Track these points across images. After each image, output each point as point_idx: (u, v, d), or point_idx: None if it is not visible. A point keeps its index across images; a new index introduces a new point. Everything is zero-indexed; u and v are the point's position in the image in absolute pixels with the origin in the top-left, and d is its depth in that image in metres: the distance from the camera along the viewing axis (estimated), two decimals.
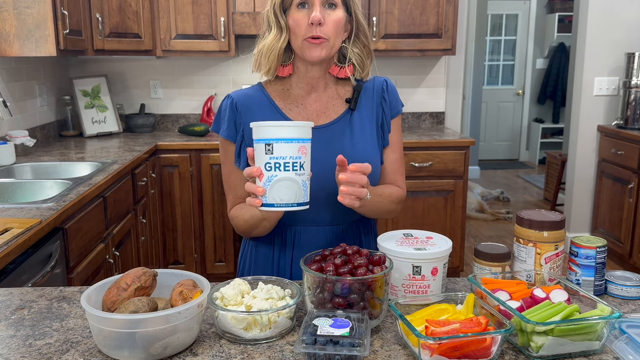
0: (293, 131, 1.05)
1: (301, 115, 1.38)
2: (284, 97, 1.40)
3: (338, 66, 1.36)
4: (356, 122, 1.38)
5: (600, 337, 0.95)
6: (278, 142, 1.04)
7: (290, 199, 1.06)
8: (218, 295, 1.05)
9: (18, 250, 1.55)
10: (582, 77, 4.07)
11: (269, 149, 1.04)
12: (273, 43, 1.31)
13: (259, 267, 1.43)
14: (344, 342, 0.89)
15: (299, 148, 1.05)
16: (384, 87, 1.42)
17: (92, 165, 2.70)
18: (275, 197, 1.06)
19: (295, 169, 1.05)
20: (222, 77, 4.00)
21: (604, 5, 3.95)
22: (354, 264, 1.05)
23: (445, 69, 4.09)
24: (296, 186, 1.06)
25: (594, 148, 4.16)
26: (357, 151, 1.35)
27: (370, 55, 1.37)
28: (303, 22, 1.27)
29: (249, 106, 1.38)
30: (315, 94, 1.39)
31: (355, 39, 1.35)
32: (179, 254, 3.51)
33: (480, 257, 1.23)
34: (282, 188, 1.05)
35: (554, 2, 7.56)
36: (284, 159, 1.04)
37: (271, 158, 1.05)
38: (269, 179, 1.06)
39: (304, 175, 1.07)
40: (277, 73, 1.37)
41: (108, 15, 3.30)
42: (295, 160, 1.05)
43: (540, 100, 7.92)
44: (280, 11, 1.30)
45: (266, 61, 1.34)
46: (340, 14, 1.29)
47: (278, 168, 1.04)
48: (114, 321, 0.91)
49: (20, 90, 3.09)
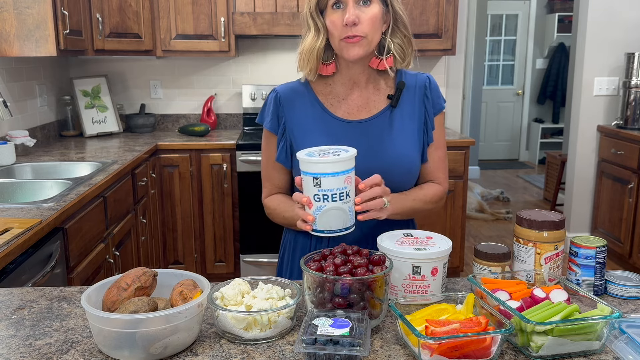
0: (339, 166, 1.10)
1: (342, 110, 1.40)
2: (327, 92, 1.42)
3: (378, 58, 1.36)
4: (396, 119, 1.40)
5: (600, 337, 0.95)
6: (325, 176, 1.09)
7: (339, 226, 1.13)
8: (218, 295, 1.05)
9: (18, 250, 1.55)
10: (582, 77, 4.07)
11: (316, 182, 1.10)
12: (312, 44, 1.33)
13: (296, 257, 1.47)
14: (344, 342, 0.89)
15: (345, 179, 1.10)
16: (426, 84, 1.42)
17: (92, 165, 2.70)
18: (324, 225, 1.13)
19: (342, 199, 1.11)
20: (222, 77, 4.01)
21: (604, 5, 3.95)
22: (354, 263, 1.05)
23: (445, 69, 4.09)
24: (343, 214, 1.13)
25: (594, 148, 4.16)
26: (395, 147, 1.37)
27: (411, 45, 1.37)
28: (338, 22, 1.28)
29: (292, 100, 1.42)
30: (358, 89, 1.41)
31: (395, 30, 1.35)
32: (179, 254, 3.51)
33: (480, 257, 1.23)
34: (330, 217, 1.12)
35: (554, 2, 7.55)
36: (331, 191, 1.10)
37: (319, 190, 1.11)
38: (318, 209, 1.12)
39: (350, 202, 1.13)
40: (320, 72, 1.38)
41: (108, 15, 3.30)
42: (342, 191, 1.11)
43: (540, 100, 7.92)
44: (317, 12, 1.31)
45: (307, 63, 1.36)
46: (376, 8, 1.29)
47: (326, 199, 1.11)
48: (114, 321, 0.91)
49: (21, 90, 3.09)
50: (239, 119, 4.05)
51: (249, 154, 3.37)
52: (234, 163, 3.41)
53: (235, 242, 3.52)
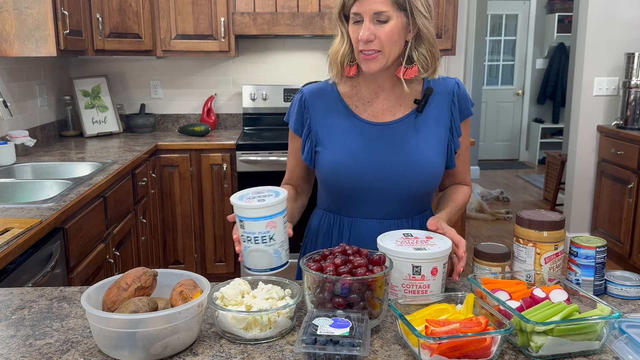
0: (260, 212, 1.15)
1: (367, 112, 1.41)
2: (352, 94, 1.43)
3: (405, 67, 1.35)
4: (421, 123, 1.40)
5: (600, 337, 0.95)
6: (248, 220, 1.15)
7: (264, 265, 1.18)
8: (218, 295, 1.05)
9: (18, 250, 1.55)
10: (582, 77, 4.07)
11: (241, 225, 1.17)
12: (337, 49, 1.36)
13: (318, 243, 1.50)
14: (344, 342, 0.89)
15: (266, 224, 1.15)
16: (454, 90, 1.42)
17: (93, 165, 2.70)
18: (250, 263, 1.19)
19: (265, 241, 1.16)
20: (222, 77, 4.01)
21: (604, 6, 3.95)
22: (353, 263, 1.05)
23: (445, 69, 4.09)
24: (267, 255, 1.17)
25: (594, 148, 4.16)
26: (419, 151, 1.37)
27: (435, 57, 1.36)
28: (355, 36, 1.30)
29: (318, 102, 1.43)
30: (383, 94, 1.41)
31: (419, 41, 1.33)
32: (179, 253, 3.51)
33: (480, 257, 1.24)
34: (255, 258, 1.18)
35: (554, 2, 7.55)
36: (253, 234, 1.16)
37: (244, 232, 1.17)
38: (245, 248, 1.19)
39: (276, 245, 1.17)
40: (345, 73, 1.39)
41: (108, 15, 3.30)
42: (265, 235, 1.16)
43: (540, 100, 7.91)
44: (341, 19, 1.33)
45: (333, 66, 1.38)
46: (393, 24, 1.27)
47: (249, 241, 1.17)
48: (114, 321, 0.91)
49: (21, 91, 3.09)
50: (239, 119, 4.05)
51: (249, 154, 3.37)
52: (234, 163, 3.41)
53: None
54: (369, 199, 1.40)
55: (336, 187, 1.40)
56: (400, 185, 1.38)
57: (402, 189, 1.38)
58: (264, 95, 3.90)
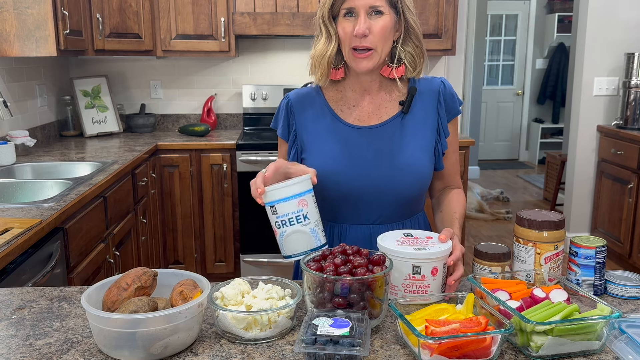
0: (289, 190, 1.17)
1: (353, 116, 1.40)
2: (338, 98, 1.42)
3: (389, 67, 1.35)
4: (408, 125, 1.38)
5: (600, 337, 0.95)
6: (279, 202, 1.17)
7: (303, 247, 1.19)
8: (218, 295, 1.05)
9: (18, 250, 1.55)
10: (582, 77, 4.07)
11: (273, 210, 1.18)
12: (323, 51, 1.33)
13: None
14: (344, 342, 0.89)
15: (298, 202, 1.17)
16: (440, 89, 1.40)
17: (93, 165, 2.70)
18: (290, 250, 1.20)
19: (299, 221, 1.18)
20: (222, 77, 4.01)
21: (604, 6, 3.95)
22: (353, 263, 1.05)
23: (445, 69, 4.09)
24: (305, 236, 1.18)
25: (594, 148, 4.16)
26: (406, 153, 1.36)
27: (422, 55, 1.36)
28: (349, 31, 1.28)
29: (303, 107, 1.42)
30: (369, 96, 1.40)
31: (407, 39, 1.33)
32: (179, 253, 3.52)
33: (480, 257, 1.24)
34: (292, 241, 1.19)
35: (554, 2, 7.55)
36: (287, 215, 1.17)
37: (277, 218, 1.18)
38: (281, 235, 1.19)
39: (311, 223, 1.19)
40: (330, 77, 1.38)
41: (108, 15, 3.30)
42: (298, 214, 1.17)
43: (540, 100, 7.92)
44: (329, 19, 1.31)
45: (318, 68, 1.35)
46: (387, 19, 1.27)
47: (284, 224, 1.18)
48: (114, 321, 0.91)
49: (21, 91, 3.09)
50: (239, 119, 4.05)
51: (249, 154, 3.37)
52: (234, 163, 3.41)
53: (235, 242, 3.52)
54: (358, 205, 1.38)
55: (324, 194, 1.36)
56: (388, 190, 1.36)
57: (391, 193, 1.36)
58: (264, 95, 3.90)
